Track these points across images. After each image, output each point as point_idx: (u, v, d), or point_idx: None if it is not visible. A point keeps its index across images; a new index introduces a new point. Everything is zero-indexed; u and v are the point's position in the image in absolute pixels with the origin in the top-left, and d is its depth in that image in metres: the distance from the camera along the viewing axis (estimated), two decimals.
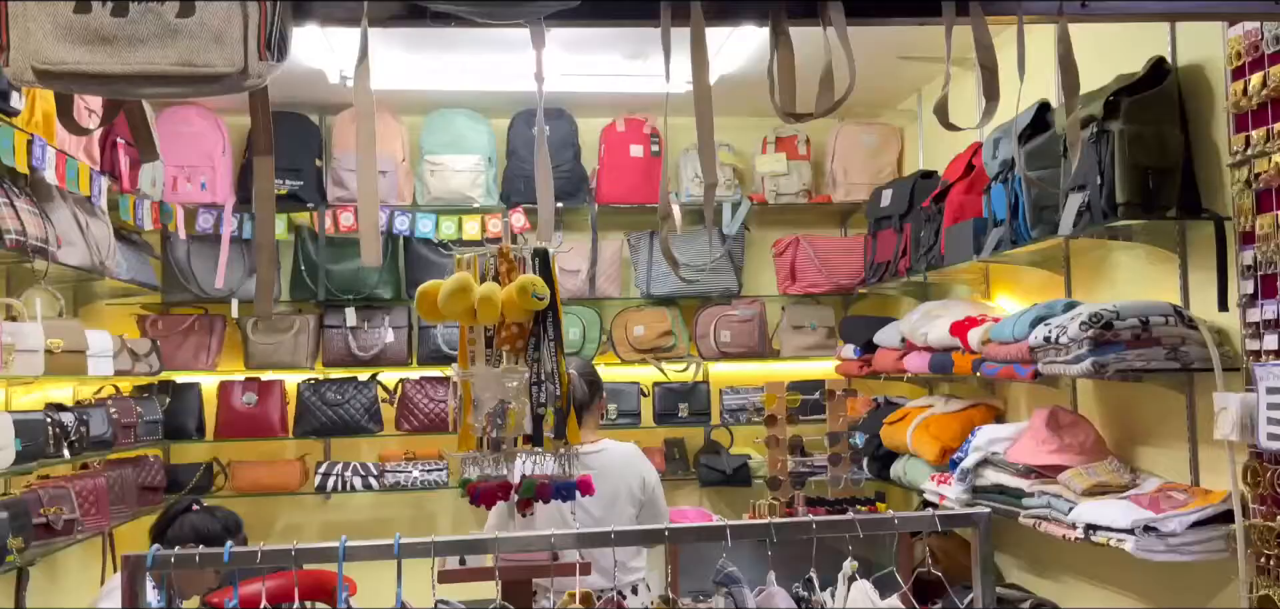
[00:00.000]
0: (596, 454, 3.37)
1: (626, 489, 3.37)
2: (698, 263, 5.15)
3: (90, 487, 3.92)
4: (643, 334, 5.09)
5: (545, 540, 2.19)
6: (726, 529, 2.03)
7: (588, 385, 3.44)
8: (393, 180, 4.96)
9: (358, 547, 1.95)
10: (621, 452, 3.45)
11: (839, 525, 2.04)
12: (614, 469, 3.37)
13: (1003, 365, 3.44)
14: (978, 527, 2.00)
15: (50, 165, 3.44)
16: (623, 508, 3.36)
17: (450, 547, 1.92)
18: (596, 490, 3.24)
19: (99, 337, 4.03)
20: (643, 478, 3.42)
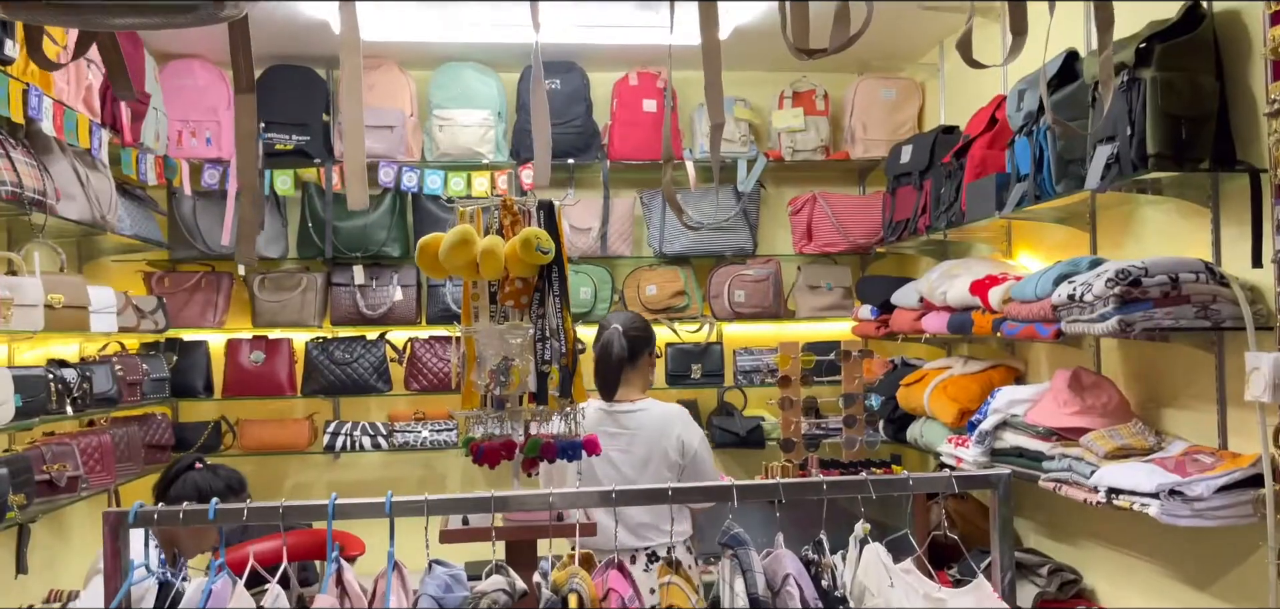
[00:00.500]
0: (632, 413, 3.29)
1: (661, 452, 3.26)
2: (712, 221, 5.05)
3: (95, 444, 3.88)
4: (655, 294, 5.00)
5: (545, 500, 2.10)
6: (732, 490, 1.95)
7: (629, 341, 3.30)
8: (400, 135, 4.87)
9: (347, 504, 1.87)
10: (661, 413, 3.32)
11: (851, 486, 1.95)
12: (649, 430, 3.27)
13: (1024, 325, 3.33)
14: (996, 488, 1.90)
15: (47, 116, 3.37)
16: (657, 471, 3.25)
17: (445, 505, 1.84)
18: (632, 451, 3.21)
19: (102, 293, 3.97)
20: (681, 441, 3.28)
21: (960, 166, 4.03)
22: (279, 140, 4.80)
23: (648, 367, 3.41)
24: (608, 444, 3.22)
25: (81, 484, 3.74)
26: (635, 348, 3.34)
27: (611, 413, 3.32)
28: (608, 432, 3.28)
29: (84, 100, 3.74)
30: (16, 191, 3.19)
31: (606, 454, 3.21)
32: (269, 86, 4.84)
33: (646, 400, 3.35)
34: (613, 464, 3.25)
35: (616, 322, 3.38)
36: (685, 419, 3.35)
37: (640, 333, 3.38)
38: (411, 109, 4.93)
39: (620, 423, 3.30)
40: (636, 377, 3.36)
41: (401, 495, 3.57)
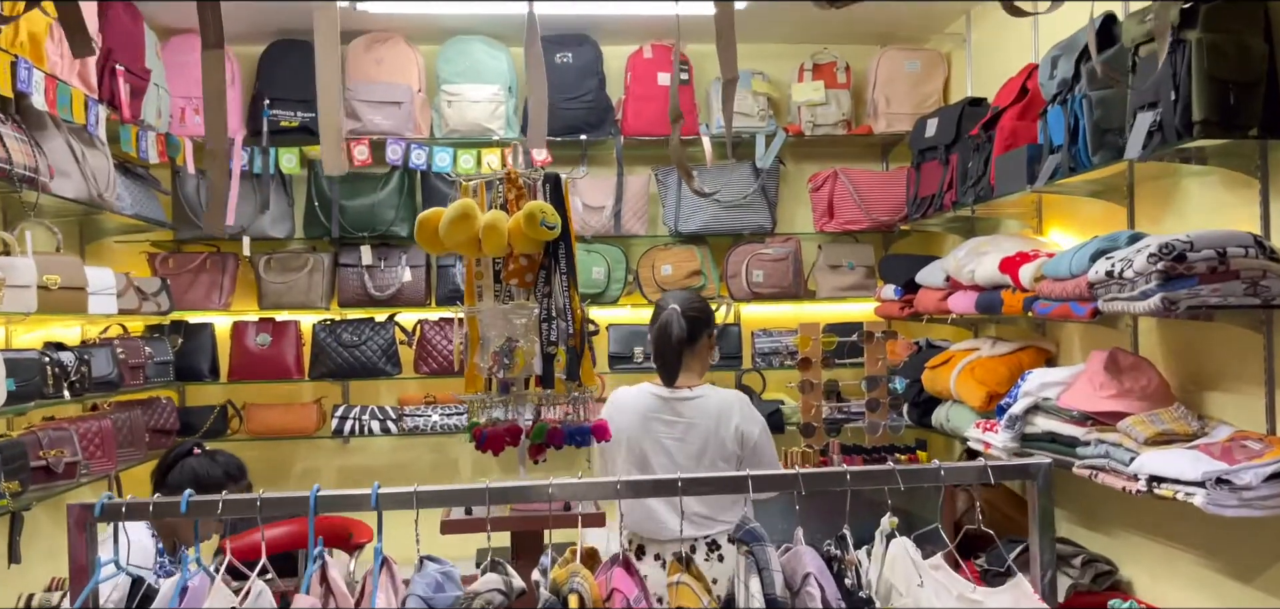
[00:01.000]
0: (688, 401, 3.09)
1: (718, 443, 3.05)
2: (729, 198, 4.89)
3: (95, 429, 3.78)
4: (670, 274, 4.85)
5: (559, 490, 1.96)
6: (747, 480, 1.80)
7: (688, 322, 3.07)
8: (408, 111, 4.73)
9: (331, 496, 1.73)
10: (718, 400, 3.10)
11: (877, 477, 1.80)
12: (706, 420, 3.06)
13: (1057, 304, 3.16)
14: (1036, 479, 1.75)
15: (38, 90, 3.25)
16: (712, 463, 3.05)
17: (434, 497, 1.70)
18: (687, 441, 3.01)
19: (101, 273, 3.86)
20: (740, 432, 3.06)
21: (989, 139, 3.85)
22: (283, 117, 4.68)
23: (707, 349, 3.19)
24: (663, 432, 3.06)
25: (81, 470, 3.64)
26: (694, 329, 3.10)
27: (668, 399, 3.10)
28: (664, 420, 3.08)
29: (79, 75, 3.62)
30: (5, 168, 3.08)
31: (660, 442, 3.05)
32: (272, 62, 4.71)
33: (704, 387, 3.13)
34: (668, 455, 3.06)
35: (673, 301, 3.15)
36: (745, 407, 3.11)
37: (699, 313, 3.15)
38: (419, 84, 4.79)
39: (676, 411, 3.09)
40: (695, 360, 3.14)
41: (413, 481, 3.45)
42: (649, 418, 3.08)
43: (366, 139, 4.70)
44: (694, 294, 3.29)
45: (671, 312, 3.10)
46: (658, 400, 3.11)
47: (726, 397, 3.12)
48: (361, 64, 4.75)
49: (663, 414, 3.09)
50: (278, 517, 1.97)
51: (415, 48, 4.80)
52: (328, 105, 1.49)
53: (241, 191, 4.64)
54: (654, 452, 3.08)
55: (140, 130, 4.14)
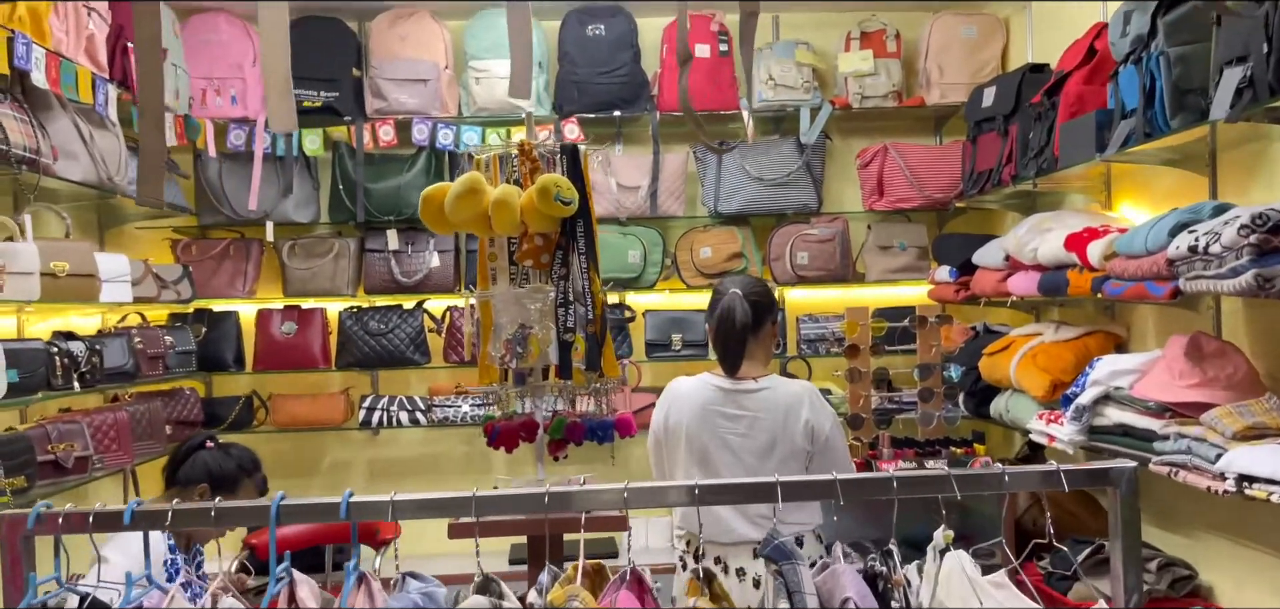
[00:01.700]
0: (753, 393, 2.82)
1: (788, 439, 2.79)
2: (772, 175, 4.62)
3: (110, 421, 3.64)
4: (710, 256, 4.60)
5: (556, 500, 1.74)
6: (777, 486, 1.56)
7: (751, 307, 2.81)
8: (434, 89, 4.54)
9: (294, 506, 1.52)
10: (787, 392, 2.84)
11: (928, 483, 1.55)
12: (773, 413, 2.79)
13: (1131, 284, 2.86)
14: (1118, 486, 1.48)
15: (39, 67, 3.10)
16: (781, 459, 2.79)
17: (413, 508, 1.48)
18: (753, 437, 2.75)
19: (114, 260, 3.72)
20: (811, 426, 2.79)
21: (1052, 106, 3.55)
22: (306, 97, 4.51)
23: (770, 337, 2.93)
24: (726, 428, 2.80)
25: (93, 464, 3.50)
26: (758, 315, 2.84)
27: (730, 392, 2.83)
28: (726, 414, 2.82)
29: (86, 51, 3.47)
30: (2, 147, 2.93)
31: (723, 438, 2.79)
32: (294, 40, 4.52)
33: (771, 377, 2.86)
34: (732, 452, 2.80)
35: (734, 285, 2.89)
36: (815, 399, 2.84)
37: (762, 297, 2.89)
38: (446, 61, 4.59)
39: (740, 404, 2.83)
40: (759, 349, 2.88)
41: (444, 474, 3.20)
42: (710, 411, 2.82)
43: (392, 119, 4.52)
44: (755, 279, 3.02)
45: (733, 296, 2.83)
46: (719, 392, 2.85)
47: (795, 388, 2.87)
48: (386, 41, 4.56)
49: (725, 407, 2.83)
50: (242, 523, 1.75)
51: (442, 23, 4.60)
52: (273, 58, 1.28)
53: (264, 175, 4.48)
54: (716, 448, 2.83)
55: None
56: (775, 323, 2.98)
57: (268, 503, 1.45)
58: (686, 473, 2.84)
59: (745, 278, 3.02)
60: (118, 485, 3.98)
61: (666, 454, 2.91)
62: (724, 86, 4.64)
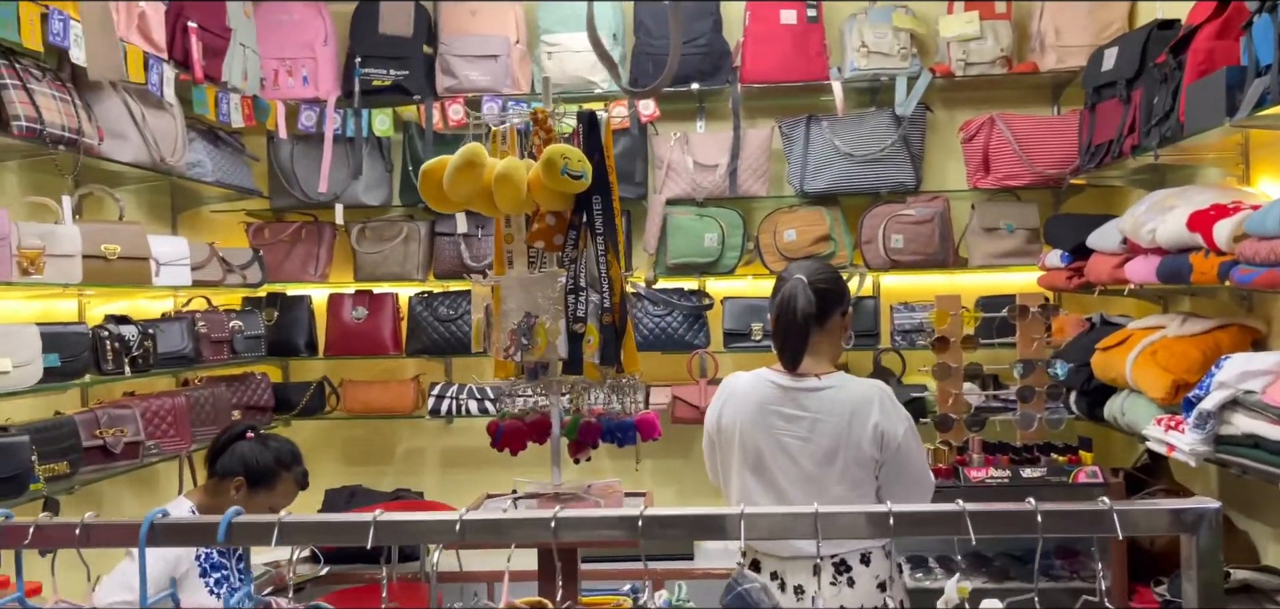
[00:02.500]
0: (815, 392, 2.48)
1: (852, 444, 2.44)
2: (865, 151, 4.25)
3: (168, 406, 3.60)
4: (795, 239, 4.26)
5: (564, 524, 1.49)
6: (815, 518, 1.25)
7: (817, 295, 2.49)
8: (505, 65, 4.35)
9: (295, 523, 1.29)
10: (853, 392, 2.49)
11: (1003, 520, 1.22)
12: (837, 415, 2.45)
13: (1263, 269, 2.42)
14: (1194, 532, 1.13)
15: (78, 44, 3.03)
16: (845, 468, 2.45)
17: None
18: (814, 441, 2.44)
19: (172, 243, 3.68)
20: (880, 431, 2.44)
21: (1178, 65, 3.08)
22: (376, 76, 4.39)
23: (839, 330, 2.60)
24: (784, 429, 2.48)
25: (145, 450, 3.46)
26: (824, 304, 2.52)
27: (789, 390, 2.51)
28: (785, 414, 2.50)
29: (138, 29, 3.41)
30: (35, 127, 2.87)
31: (780, 441, 2.47)
32: (364, 18, 4.43)
33: (837, 375, 2.53)
34: (789, 457, 2.49)
35: (800, 270, 2.57)
36: (887, 401, 2.50)
37: (830, 285, 2.56)
38: (517, 35, 4.40)
39: (800, 403, 2.50)
40: (825, 343, 2.55)
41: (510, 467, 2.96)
42: (767, 410, 2.51)
43: (461, 97, 4.35)
44: (824, 263, 2.68)
45: (796, 282, 2.50)
46: (777, 390, 2.52)
47: (864, 388, 2.51)
48: (456, 16, 4.40)
49: (783, 407, 2.51)
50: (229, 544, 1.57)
51: None
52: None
53: (335, 157, 4.39)
54: (772, 452, 2.51)
55: (220, 92, 3.93)
56: (846, 314, 2.63)
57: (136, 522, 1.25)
58: (740, 478, 2.55)
59: (813, 263, 2.68)
60: (172, 471, 3.94)
61: (720, 456, 2.63)
62: (812, 56, 4.29)
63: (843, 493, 2.45)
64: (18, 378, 2.87)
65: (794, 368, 2.54)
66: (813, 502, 2.44)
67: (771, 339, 2.67)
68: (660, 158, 4.36)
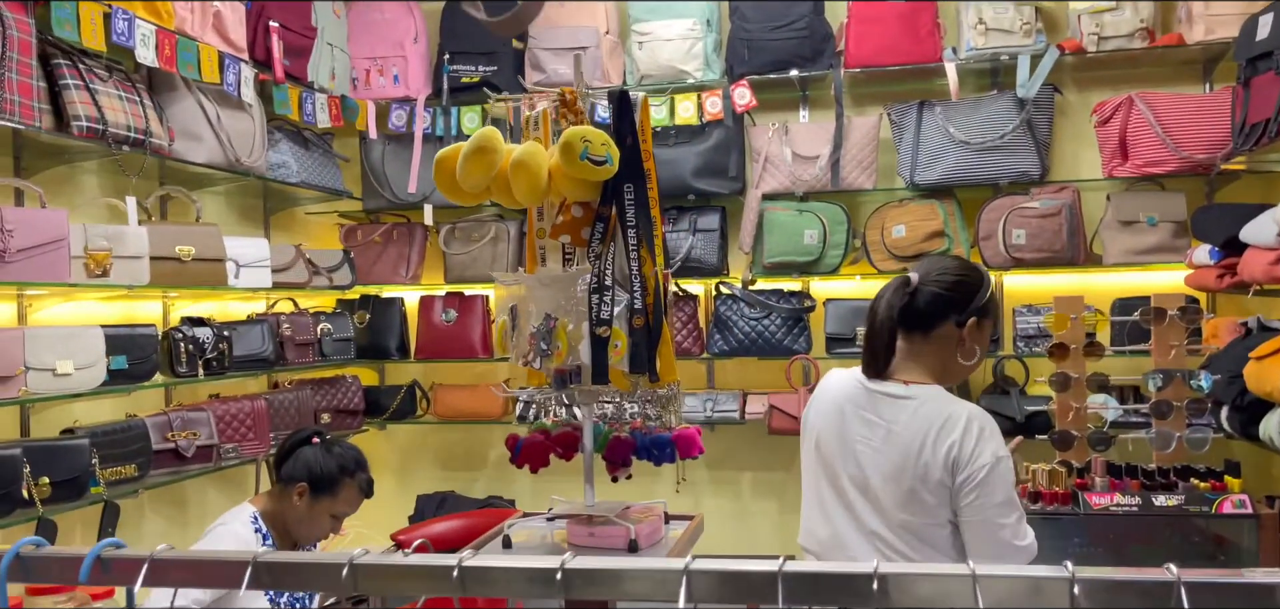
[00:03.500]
0: (895, 400, 2.17)
1: (920, 467, 2.09)
2: (982, 138, 3.86)
3: (247, 409, 3.57)
4: (904, 236, 3.91)
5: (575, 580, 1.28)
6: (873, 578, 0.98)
7: (926, 297, 2.18)
8: (594, 57, 4.16)
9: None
10: (937, 410, 2.12)
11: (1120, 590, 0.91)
12: (910, 430, 2.12)
13: None
14: None
15: (146, 45, 3.01)
16: (912, 492, 2.11)
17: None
18: (885, 454, 2.11)
19: (252, 245, 3.64)
20: (954, 460, 2.07)
21: None
22: (464, 73, 4.28)
23: (952, 340, 2.19)
24: (859, 435, 2.18)
25: (223, 453, 3.43)
26: (934, 308, 2.18)
27: (873, 393, 2.21)
28: (863, 418, 2.20)
29: (214, 29, 3.38)
30: (96, 127, 2.85)
31: (853, 448, 2.19)
32: (454, 15, 4.33)
33: (927, 388, 2.17)
34: (859, 466, 2.19)
35: (919, 268, 2.25)
36: (975, 427, 2.10)
37: (946, 288, 2.18)
38: (608, 26, 4.21)
39: (878, 410, 2.20)
40: (930, 352, 2.19)
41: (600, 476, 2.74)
42: (848, 412, 2.21)
43: (552, 92, 4.17)
44: (953, 261, 2.28)
45: (895, 283, 2.21)
46: (862, 392, 2.22)
47: (952, 406, 2.13)
48: (545, 8, 4.23)
49: (863, 410, 2.21)
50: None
51: None
52: None
53: (424, 155, 4.30)
54: (844, 457, 2.22)
55: (304, 92, 3.89)
56: (969, 324, 2.19)
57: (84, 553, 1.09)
58: (814, 483, 2.27)
59: (938, 259, 2.30)
60: (247, 474, 3.92)
61: (803, 457, 2.36)
62: (923, 36, 3.93)
63: (907, 520, 2.13)
64: (80, 380, 2.85)
65: (875, 374, 2.23)
66: (875, 520, 2.16)
67: None
68: (757, 150, 4.09)
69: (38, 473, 2.69)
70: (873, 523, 2.16)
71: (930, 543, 2.13)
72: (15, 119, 2.59)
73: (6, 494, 2.58)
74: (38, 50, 2.77)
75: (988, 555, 2.03)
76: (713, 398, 4.15)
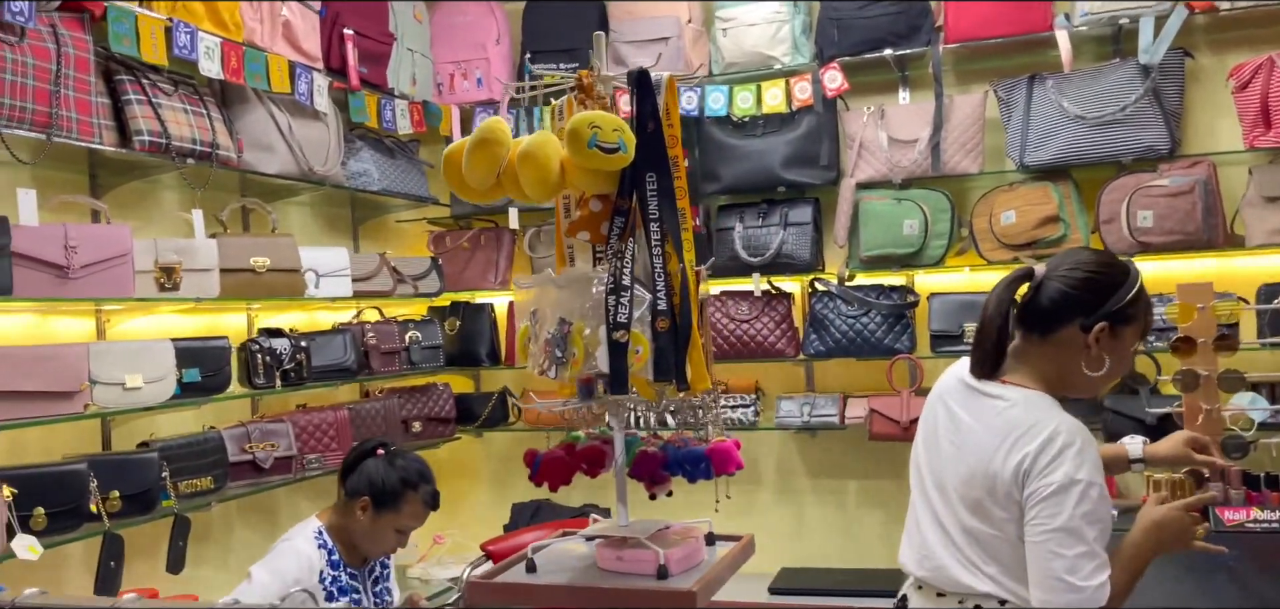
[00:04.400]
0: (985, 399, 1.94)
1: (988, 476, 1.86)
2: (1099, 112, 3.50)
3: (330, 420, 3.56)
4: (1014, 222, 3.58)
5: None
6: None
7: (1068, 292, 1.91)
8: (676, 48, 3.99)
9: None
10: (1020, 417, 1.86)
11: None
12: (988, 434, 1.89)
13: None
14: None
15: (211, 57, 3.01)
16: (981, 501, 1.88)
17: None
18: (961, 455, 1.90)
19: (332, 254, 3.63)
20: (1021, 469, 1.82)
21: None
22: (548, 72, 4.17)
23: (1079, 346, 1.92)
24: (946, 430, 1.98)
25: (306, 464, 3.42)
26: (1054, 305, 1.91)
27: (969, 389, 1.99)
28: (954, 413, 1.98)
29: (284, 38, 3.37)
30: (159, 141, 2.86)
31: (940, 442, 1.99)
32: (535, 14, 4.23)
33: (1022, 391, 1.92)
34: (941, 457, 1.99)
35: (1055, 259, 2.01)
36: (1055, 438, 1.81)
37: (1072, 286, 1.91)
38: (690, 15, 4.02)
39: (968, 407, 1.97)
40: (1046, 357, 1.95)
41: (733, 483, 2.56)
42: (945, 403, 2.03)
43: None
44: (1089, 256, 1.99)
45: (1019, 273, 1.98)
46: (961, 386, 2.02)
47: (1038, 415, 1.86)
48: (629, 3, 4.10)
49: (956, 405, 2.00)
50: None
51: None
52: None
53: None
54: (928, 450, 2.04)
55: (383, 99, 3.86)
56: (1096, 329, 1.90)
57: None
58: (915, 466, 2.07)
59: (1074, 252, 2.01)
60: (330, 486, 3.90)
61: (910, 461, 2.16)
62: (1031, 3, 3.59)
63: (974, 527, 1.90)
64: (150, 393, 2.86)
65: (982, 374, 1.99)
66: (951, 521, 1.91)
67: None
68: (851, 136, 3.83)
69: (108, 487, 2.71)
70: (949, 524, 1.94)
71: (996, 558, 1.90)
72: (73, 136, 2.61)
73: (74, 508, 2.60)
74: (102, 67, 2.80)
75: (1038, 587, 1.79)
76: (810, 401, 3.91)
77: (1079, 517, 1.76)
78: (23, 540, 2.41)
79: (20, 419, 2.54)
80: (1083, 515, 1.77)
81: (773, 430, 4.00)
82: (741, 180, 3.93)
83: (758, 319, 3.93)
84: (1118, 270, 1.94)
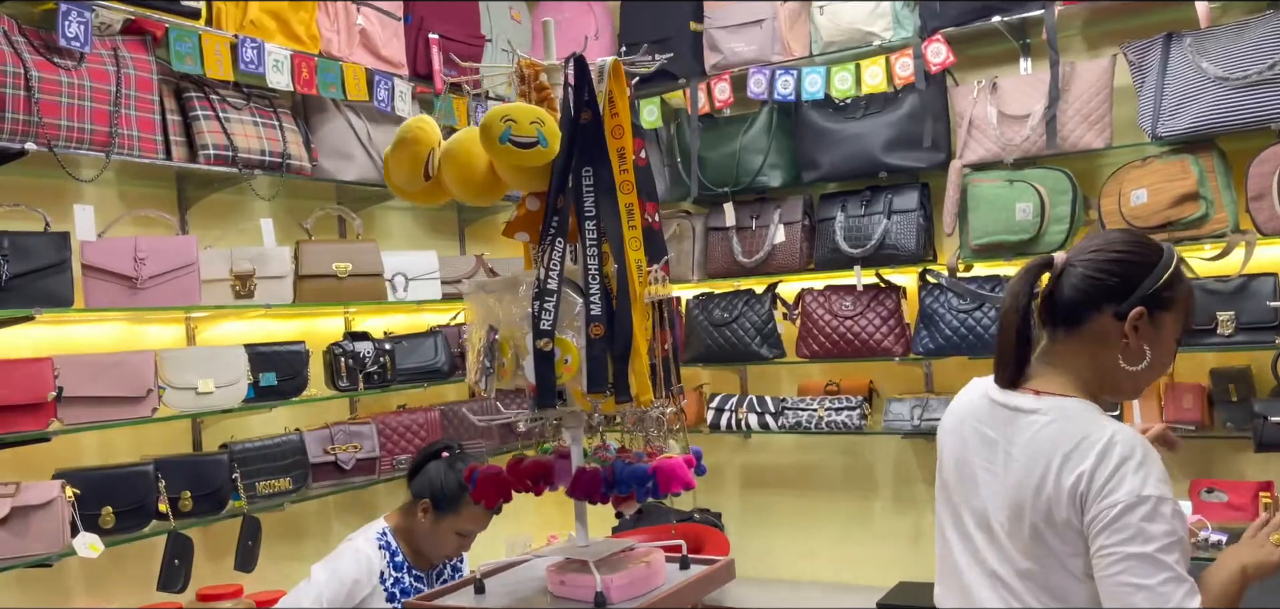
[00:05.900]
0: (1021, 415, 1.68)
1: (1042, 504, 1.62)
2: (1244, 72, 3.02)
3: (419, 421, 3.60)
4: (1146, 202, 3.15)
5: None
6: None
7: (1095, 277, 1.67)
8: (770, 30, 3.78)
9: None
10: (1073, 429, 1.62)
11: None
12: (1034, 452, 1.64)
13: None
14: None
15: (279, 70, 3.09)
16: (1035, 533, 1.63)
17: None
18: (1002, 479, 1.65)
19: (420, 258, 3.67)
20: (1082, 489, 1.57)
21: None
22: (641, 63, 4.04)
23: (1114, 338, 1.67)
24: (978, 455, 1.73)
25: (389, 465, 3.47)
26: (1080, 293, 1.67)
27: (998, 405, 1.74)
28: (984, 435, 1.73)
29: (362, 46, 3.43)
30: (225, 154, 2.96)
31: (972, 471, 1.73)
32: (631, 5, 4.13)
33: (1059, 401, 1.67)
34: (978, 491, 1.73)
35: (1079, 244, 1.77)
36: (1112, 449, 1.56)
37: (1102, 265, 1.67)
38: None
39: (999, 426, 1.72)
40: (1077, 355, 1.70)
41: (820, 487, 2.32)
42: (969, 427, 1.77)
43: (727, 73, 3.86)
44: (1126, 235, 1.73)
45: (1037, 262, 1.72)
46: (986, 405, 1.76)
47: (1087, 425, 1.60)
48: None
49: (985, 427, 1.74)
50: None
51: None
52: None
53: None
54: (959, 483, 1.77)
55: (473, 101, 3.86)
56: (1131, 316, 1.64)
57: None
58: (940, 525, 1.83)
59: (1102, 233, 1.77)
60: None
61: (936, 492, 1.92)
62: None
63: (1031, 569, 1.63)
64: (222, 398, 2.97)
65: (1005, 381, 1.74)
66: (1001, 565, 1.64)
67: None
68: (960, 113, 3.50)
69: (179, 488, 2.84)
70: (998, 568, 1.69)
71: (1062, 597, 1.62)
72: (134, 153, 2.74)
73: (141, 507, 2.73)
74: (174, 86, 2.93)
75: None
76: (922, 403, 3.61)
77: (1154, 536, 1.50)
78: (84, 539, 2.54)
79: (93, 422, 2.69)
80: (1158, 535, 1.50)
81: (881, 434, 3.73)
82: (841, 166, 3.67)
83: (862, 315, 3.67)
84: (1151, 250, 1.64)
